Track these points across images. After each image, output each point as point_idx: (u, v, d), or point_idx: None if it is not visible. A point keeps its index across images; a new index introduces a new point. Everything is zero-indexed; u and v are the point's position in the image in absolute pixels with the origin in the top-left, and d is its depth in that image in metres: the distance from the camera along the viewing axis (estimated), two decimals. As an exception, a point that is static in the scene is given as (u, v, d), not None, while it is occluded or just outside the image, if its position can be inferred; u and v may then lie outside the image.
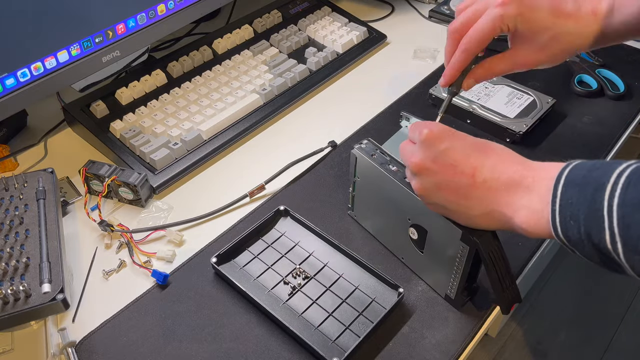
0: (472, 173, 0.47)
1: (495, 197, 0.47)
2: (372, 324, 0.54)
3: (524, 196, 0.45)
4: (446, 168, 0.48)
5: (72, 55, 0.71)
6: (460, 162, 0.48)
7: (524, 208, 0.45)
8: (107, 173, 0.67)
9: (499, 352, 1.46)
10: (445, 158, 0.48)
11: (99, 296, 0.60)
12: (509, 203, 0.46)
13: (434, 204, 0.50)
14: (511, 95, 0.78)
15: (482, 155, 0.48)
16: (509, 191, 0.46)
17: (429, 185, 0.49)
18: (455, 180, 0.48)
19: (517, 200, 0.45)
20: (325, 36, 0.91)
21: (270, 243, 0.63)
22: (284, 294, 0.58)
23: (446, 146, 0.48)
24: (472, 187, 0.47)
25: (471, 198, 0.47)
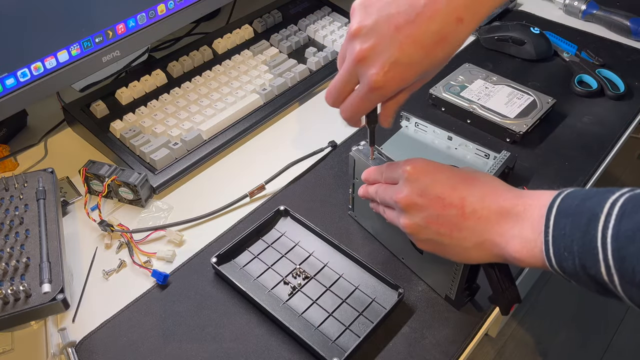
0: (461, 204, 0.46)
1: (487, 227, 0.46)
2: (372, 324, 0.54)
3: (516, 225, 0.44)
4: (434, 201, 0.47)
5: (72, 55, 0.71)
6: (447, 194, 0.47)
7: (516, 237, 0.44)
8: (107, 173, 0.67)
9: (499, 352, 1.46)
10: (431, 191, 0.47)
11: (99, 296, 0.60)
12: (501, 232, 0.45)
13: (426, 241, 0.49)
14: (511, 95, 0.78)
15: (469, 185, 0.48)
16: (500, 220, 0.45)
17: (419, 221, 0.48)
18: (444, 213, 0.47)
19: (509, 229, 0.44)
20: (325, 36, 0.91)
21: (270, 243, 0.63)
22: (284, 294, 0.58)
23: (431, 179, 0.48)
24: (462, 217, 0.46)
25: (462, 229, 0.47)
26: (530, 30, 0.88)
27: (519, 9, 1.01)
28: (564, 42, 0.90)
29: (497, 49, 0.91)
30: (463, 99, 0.78)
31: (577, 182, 0.69)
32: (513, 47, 0.89)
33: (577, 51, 0.87)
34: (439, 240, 0.48)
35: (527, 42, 0.87)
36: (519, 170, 0.70)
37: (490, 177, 0.49)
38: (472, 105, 0.77)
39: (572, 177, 0.70)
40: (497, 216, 0.45)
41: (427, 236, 0.49)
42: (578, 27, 0.95)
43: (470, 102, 0.77)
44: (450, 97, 0.78)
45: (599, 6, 0.95)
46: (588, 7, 0.96)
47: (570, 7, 0.98)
